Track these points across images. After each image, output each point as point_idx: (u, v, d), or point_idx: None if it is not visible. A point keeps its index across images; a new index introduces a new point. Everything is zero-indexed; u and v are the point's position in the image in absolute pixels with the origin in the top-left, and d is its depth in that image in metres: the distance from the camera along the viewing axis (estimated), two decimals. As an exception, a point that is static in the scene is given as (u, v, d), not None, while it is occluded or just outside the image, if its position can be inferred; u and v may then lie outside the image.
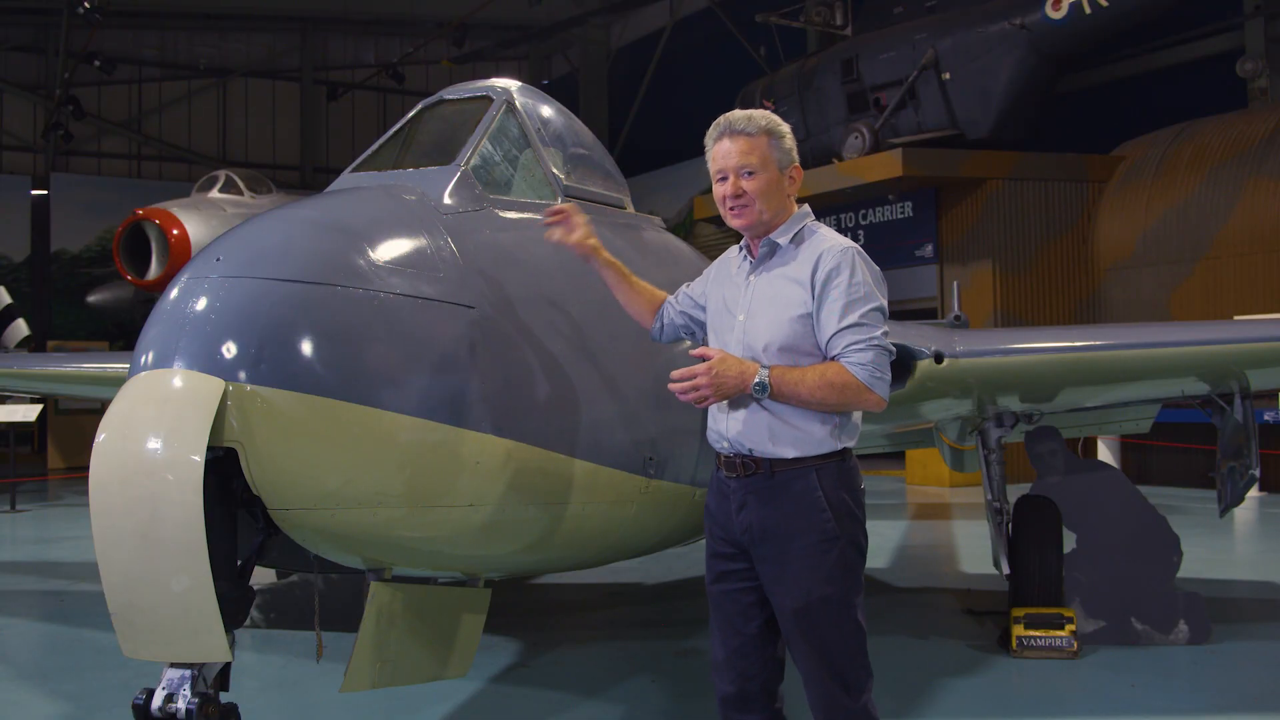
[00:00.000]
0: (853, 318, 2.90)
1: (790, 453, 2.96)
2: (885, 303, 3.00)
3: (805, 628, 2.95)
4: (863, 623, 3.00)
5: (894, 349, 2.98)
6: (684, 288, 3.48)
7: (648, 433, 4.04)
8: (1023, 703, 5.04)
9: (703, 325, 3.35)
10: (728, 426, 3.05)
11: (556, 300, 3.84)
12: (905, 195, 16.16)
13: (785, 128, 3.11)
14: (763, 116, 3.09)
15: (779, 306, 3.00)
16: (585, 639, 6.33)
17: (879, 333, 2.93)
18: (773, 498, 2.98)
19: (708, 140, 3.15)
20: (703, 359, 2.95)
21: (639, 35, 25.91)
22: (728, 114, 3.12)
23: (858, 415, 3.06)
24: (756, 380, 2.87)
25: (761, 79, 19.03)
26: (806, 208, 3.15)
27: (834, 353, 2.92)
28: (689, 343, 3.45)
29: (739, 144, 3.05)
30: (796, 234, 3.07)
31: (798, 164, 3.13)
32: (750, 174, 3.05)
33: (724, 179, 3.09)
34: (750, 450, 3.00)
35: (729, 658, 3.10)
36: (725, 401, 3.03)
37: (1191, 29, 15.64)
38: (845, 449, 3.01)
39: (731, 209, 3.09)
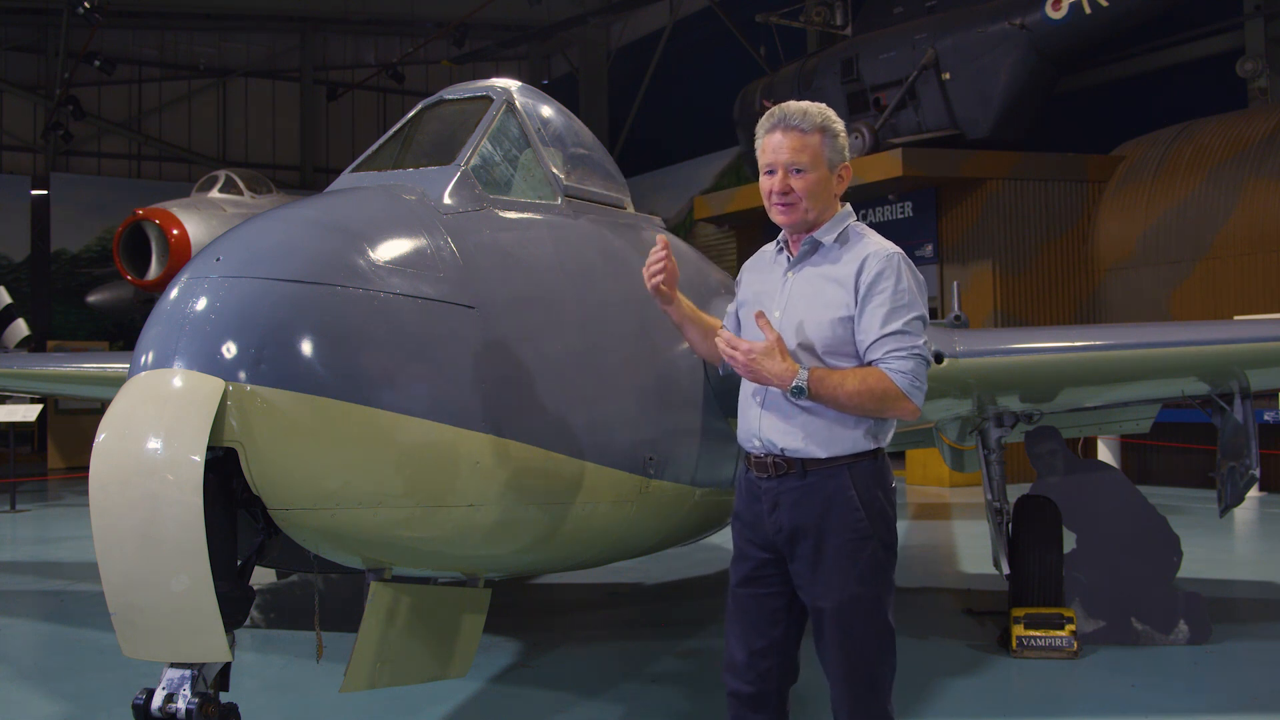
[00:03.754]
0: (896, 324, 2.87)
1: (824, 453, 2.94)
2: (926, 312, 2.98)
3: (837, 627, 2.93)
4: (892, 623, 2.98)
5: (932, 359, 2.95)
6: (729, 311, 3.37)
7: (648, 433, 4.04)
8: (1023, 703, 5.03)
9: None
10: (760, 426, 3.02)
11: (556, 300, 3.84)
12: (905, 195, 16.16)
13: (840, 125, 3.04)
14: (819, 113, 3.01)
15: (820, 307, 2.96)
16: (585, 639, 6.33)
17: (920, 341, 2.91)
18: (806, 497, 2.95)
19: (759, 129, 3.07)
20: (761, 331, 2.92)
21: (639, 35, 25.91)
22: (784, 105, 3.05)
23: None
24: (794, 384, 2.84)
25: (761, 79, 19.03)
26: (849, 208, 3.10)
27: (873, 358, 2.89)
28: (685, 345, 3.40)
29: (791, 139, 2.98)
30: (841, 234, 3.02)
31: (848, 162, 3.07)
32: (800, 172, 2.99)
33: (772, 173, 3.02)
34: (783, 451, 2.97)
35: (750, 659, 3.07)
36: (758, 401, 3.02)
37: (1191, 29, 15.64)
38: (878, 448, 2.99)
39: (777, 204, 3.03)
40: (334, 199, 3.70)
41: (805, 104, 3.05)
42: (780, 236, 3.16)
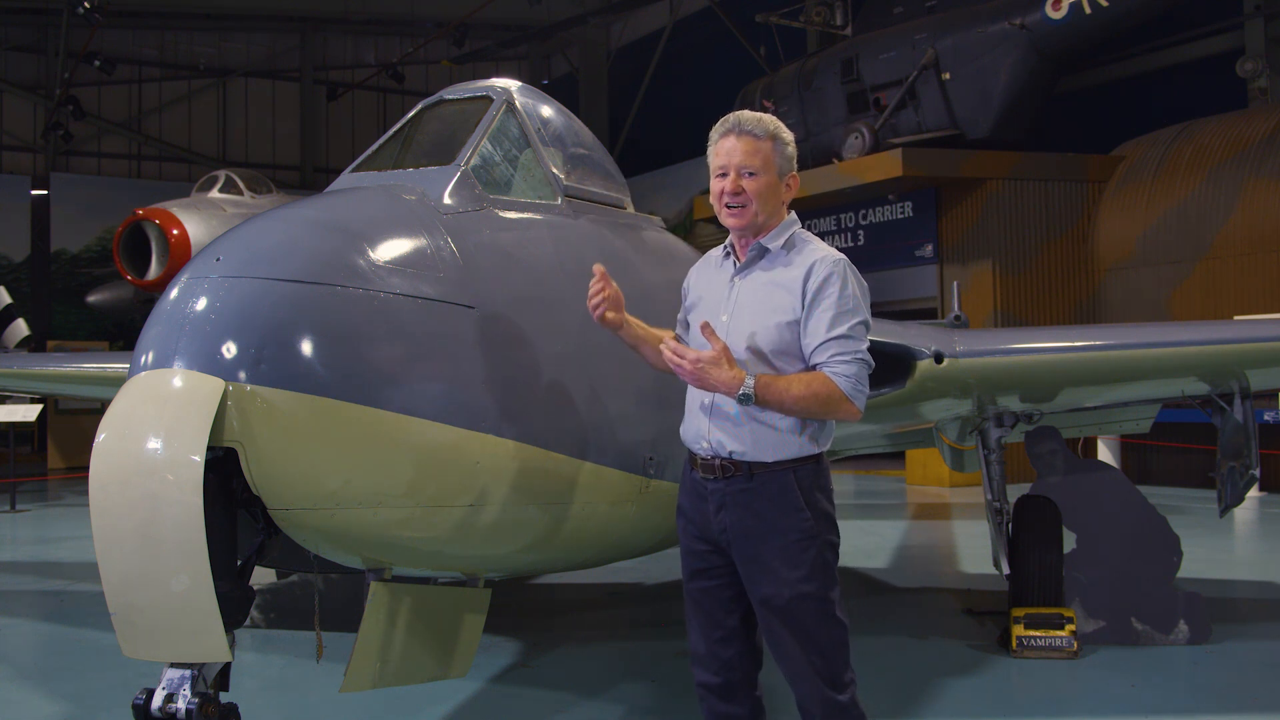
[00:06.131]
0: (841, 329, 2.96)
1: (771, 457, 3.02)
2: (869, 318, 3.06)
3: (788, 625, 3.00)
4: (844, 618, 3.05)
5: (873, 363, 3.05)
6: (679, 318, 3.42)
7: (648, 433, 4.04)
8: (1023, 703, 5.04)
9: None
10: (709, 429, 3.08)
11: (556, 300, 3.84)
12: (905, 195, 16.17)
13: (790, 135, 3.16)
14: (771, 121, 3.13)
15: (768, 311, 3.04)
16: (585, 639, 6.33)
17: (863, 346, 3.00)
18: (753, 499, 3.03)
19: (713, 135, 3.16)
20: (707, 340, 2.96)
21: (639, 35, 25.91)
22: (736, 113, 3.15)
23: (833, 421, 3.11)
24: (742, 391, 2.90)
25: (761, 79, 19.04)
26: (794, 215, 3.20)
27: (817, 361, 2.97)
28: (647, 351, 3.39)
29: (745, 144, 3.08)
30: (788, 240, 3.11)
31: (796, 173, 3.18)
32: (751, 175, 3.07)
33: (724, 175, 3.11)
34: (731, 453, 3.04)
35: (711, 649, 3.16)
36: (707, 403, 3.08)
37: (1191, 29, 15.65)
38: (819, 453, 3.08)
39: (729, 206, 3.11)
40: (334, 199, 3.70)
41: (757, 113, 3.16)
42: (727, 242, 3.23)
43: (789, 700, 3.13)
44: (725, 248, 3.24)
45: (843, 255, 3.08)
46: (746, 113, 3.14)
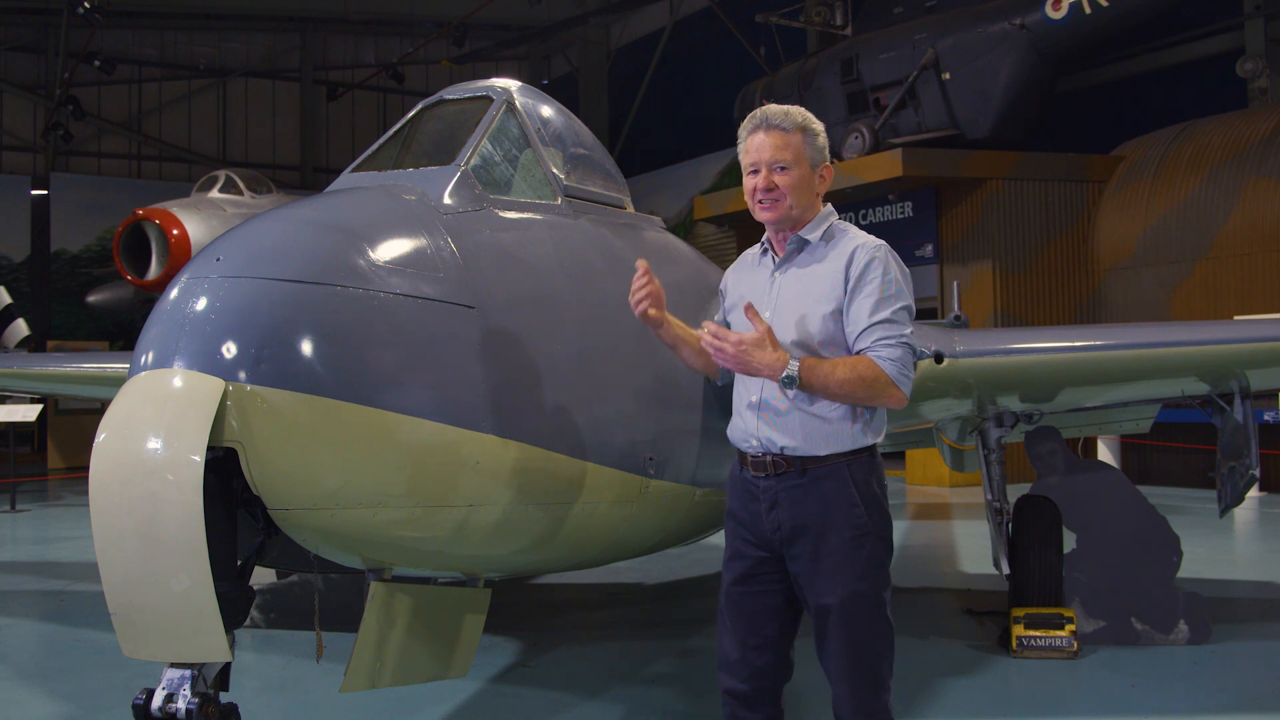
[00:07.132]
0: (884, 314, 2.93)
1: (824, 450, 2.97)
2: (913, 303, 3.03)
3: (841, 625, 2.94)
4: (892, 620, 3.01)
5: (918, 347, 3.02)
6: (718, 319, 3.36)
7: (648, 433, 4.04)
8: (1023, 703, 5.03)
9: None
10: (758, 426, 3.04)
11: (556, 300, 3.84)
12: (905, 195, 16.17)
13: (820, 126, 3.12)
14: (799, 113, 3.10)
15: (811, 302, 3.01)
16: (585, 639, 6.33)
17: (907, 331, 2.96)
18: (806, 495, 2.98)
19: (741, 132, 3.13)
20: (751, 323, 2.92)
21: (639, 35, 25.92)
22: (764, 107, 3.12)
23: (884, 410, 3.06)
24: (786, 374, 2.86)
25: (761, 79, 19.04)
26: (830, 207, 3.17)
27: (862, 346, 2.94)
28: (685, 351, 3.37)
29: (774, 138, 3.05)
30: (826, 231, 3.10)
31: (829, 163, 3.15)
32: (783, 169, 3.05)
33: (756, 172, 3.09)
34: (782, 449, 2.99)
35: (744, 656, 3.08)
36: (754, 400, 3.04)
37: (1191, 29, 15.65)
38: (874, 445, 3.03)
39: (761, 202, 3.09)
40: (334, 199, 3.70)
41: (786, 106, 3.13)
42: (764, 238, 3.22)
43: (805, 705, 3.11)
44: (763, 244, 3.21)
45: (883, 241, 3.06)
46: (774, 106, 3.10)
